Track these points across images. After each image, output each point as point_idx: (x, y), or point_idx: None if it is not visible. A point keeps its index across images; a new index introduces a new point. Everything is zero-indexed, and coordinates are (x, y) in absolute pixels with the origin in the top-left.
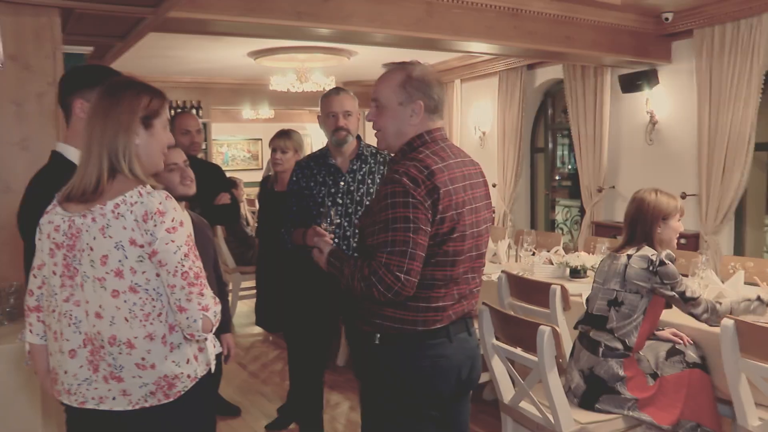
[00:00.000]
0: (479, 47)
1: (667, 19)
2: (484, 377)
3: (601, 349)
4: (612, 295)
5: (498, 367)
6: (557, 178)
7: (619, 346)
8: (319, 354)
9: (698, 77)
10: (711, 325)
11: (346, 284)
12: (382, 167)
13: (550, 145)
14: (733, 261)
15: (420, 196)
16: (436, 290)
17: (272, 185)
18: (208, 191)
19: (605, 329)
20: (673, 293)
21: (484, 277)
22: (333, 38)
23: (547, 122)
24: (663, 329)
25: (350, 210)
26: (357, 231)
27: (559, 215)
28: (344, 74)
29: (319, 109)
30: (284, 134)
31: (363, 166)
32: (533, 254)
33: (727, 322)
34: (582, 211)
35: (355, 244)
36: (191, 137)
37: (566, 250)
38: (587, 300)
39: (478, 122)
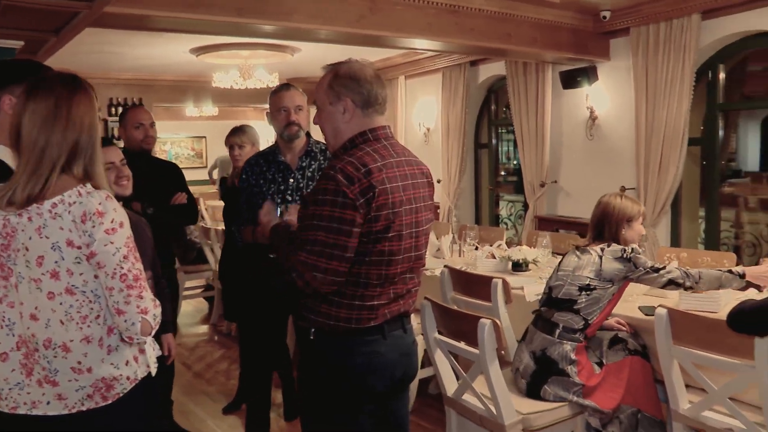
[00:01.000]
0: (421, 44)
1: (605, 17)
2: (428, 372)
3: (558, 330)
4: (584, 282)
5: (441, 361)
6: (503, 173)
7: (581, 324)
8: (270, 351)
9: (635, 74)
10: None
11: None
12: None
13: (494, 141)
14: (668, 252)
15: (353, 195)
16: (371, 289)
17: (233, 182)
18: (165, 191)
19: (571, 310)
20: (647, 270)
21: (427, 272)
22: (276, 35)
23: (491, 118)
24: (609, 319)
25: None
26: None
27: (504, 210)
28: (288, 71)
29: (264, 105)
30: (239, 130)
31: (312, 162)
32: (476, 249)
33: (661, 311)
34: (526, 206)
35: None
36: (145, 130)
37: (509, 244)
38: (550, 288)
39: (423, 119)
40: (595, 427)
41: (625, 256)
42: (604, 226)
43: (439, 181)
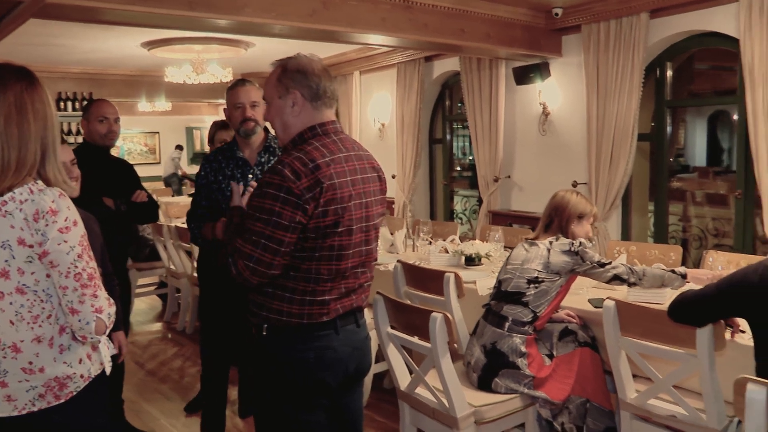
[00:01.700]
0: (375, 39)
1: (557, 14)
2: (383, 366)
3: (507, 324)
4: (533, 275)
5: (393, 355)
6: (459, 169)
7: (529, 316)
8: (227, 349)
9: (586, 71)
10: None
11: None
12: None
13: (448, 137)
14: (618, 245)
15: (298, 190)
16: (323, 284)
17: None
18: (123, 189)
19: (520, 302)
20: (593, 265)
21: (381, 267)
22: (228, 29)
23: (445, 114)
24: (558, 311)
25: None
26: None
27: (458, 205)
28: (242, 66)
29: (218, 101)
30: (228, 126)
31: (271, 158)
32: (429, 243)
33: (609, 303)
34: (480, 201)
35: None
36: (109, 125)
37: (463, 239)
38: (500, 281)
39: (377, 114)
40: (545, 418)
41: (572, 249)
42: (555, 218)
43: (393, 177)
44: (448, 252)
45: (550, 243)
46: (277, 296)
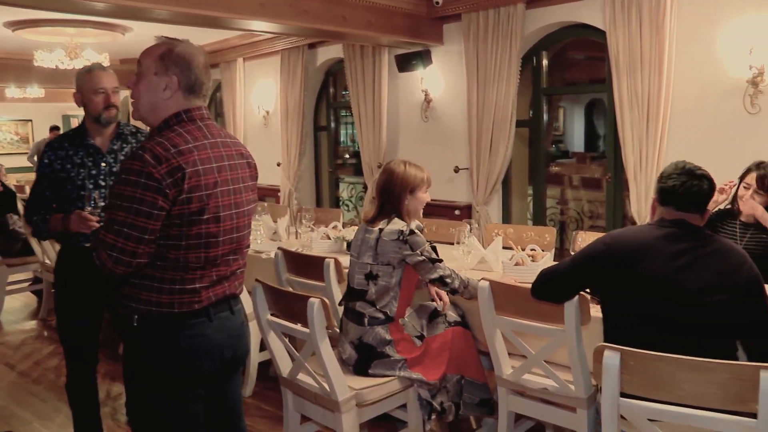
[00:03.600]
0: (256, 25)
1: (437, 2)
2: (268, 355)
3: (365, 319)
4: (367, 269)
5: (274, 342)
6: (347, 156)
7: (382, 316)
8: (91, 347)
9: (467, 59)
10: (466, 298)
11: None
12: None
13: (333, 124)
14: (496, 228)
15: (159, 175)
16: (192, 272)
17: None
18: None
19: (366, 301)
20: (422, 257)
21: (263, 255)
22: (105, 12)
23: (329, 101)
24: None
25: None
26: None
27: (344, 192)
28: (119, 51)
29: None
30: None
31: (124, 146)
32: (312, 230)
33: (483, 284)
34: (366, 188)
35: None
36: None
37: (346, 225)
38: (348, 275)
39: (262, 101)
40: (425, 398)
41: (401, 237)
42: (385, 198)
43: (278, 165)
44: (330, 238)
45: (380, 231)
46: (146, 286)
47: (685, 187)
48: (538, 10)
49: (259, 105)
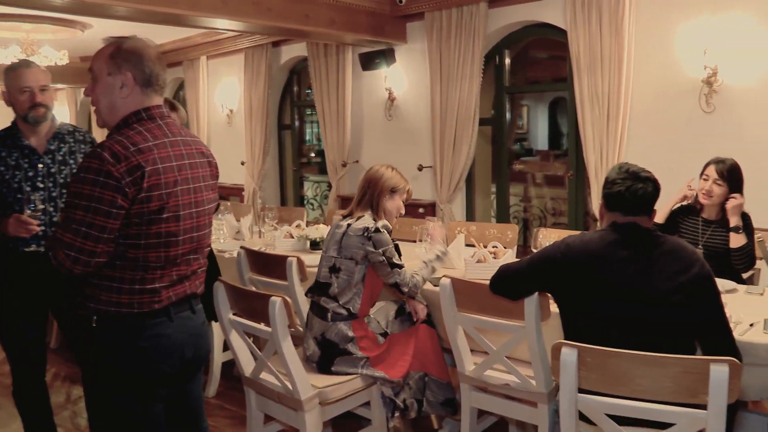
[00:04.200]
0: (219, 23)
1: (401, 1)
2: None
3: (329, 314)
4: (331, 262)
5: (237, 341)
6: (311, 155)
7: (345, 312)
8: (37, 350)
9: (430, 57)
10: (413, 298)
11: None
12: (83, 146)
13: (297, 123)
14: (459, 226)
15: (118, 173)
16: (152, 272)
17: None
18: None
19: (329, 296)
20: (383, 258)
21: (225, 255)
22: (64, 8)
23: (293, 99)
24: None
25: (54, 194)
26: None
27: (309, 191)
28: (78, 48)
29: (58, 85)
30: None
31: (62, 145)
32: (275, 229)
33: (445, 281)
34: (330, 186)
35: None
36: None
37: (310, 224)
38: (318, 268)
39: (225, 100)
40: (388, 396)
41: (366, 234)
42: (368, 190)
43: (243, 163)
44: (293, 237)
45: (348, 225)
46: (104, 286)
47: (631, 191)
48: (500, 9)
49: (223, 103)
